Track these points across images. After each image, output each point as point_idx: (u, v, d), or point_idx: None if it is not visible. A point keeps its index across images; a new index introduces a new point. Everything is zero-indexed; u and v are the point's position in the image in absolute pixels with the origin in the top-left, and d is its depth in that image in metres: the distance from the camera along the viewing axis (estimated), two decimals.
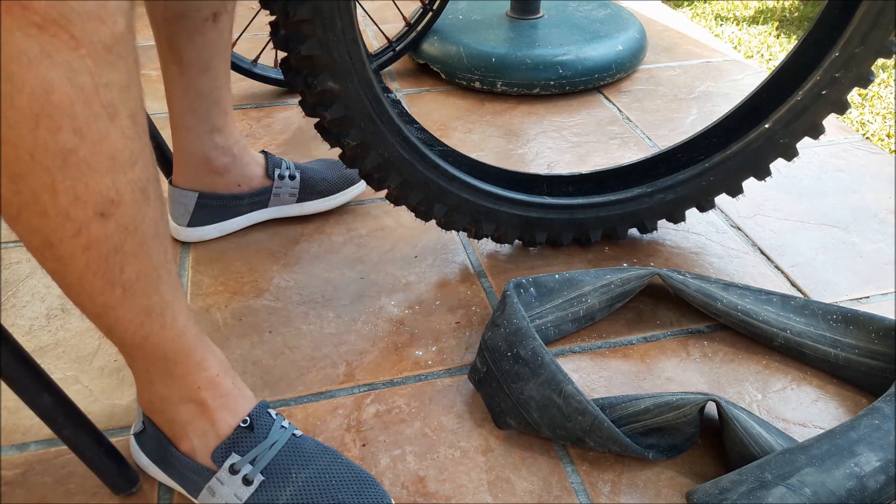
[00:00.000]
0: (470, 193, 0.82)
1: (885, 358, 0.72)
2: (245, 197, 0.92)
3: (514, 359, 0.69)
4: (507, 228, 0.87)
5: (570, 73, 1.28)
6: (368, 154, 0.74)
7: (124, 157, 0.44)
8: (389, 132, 0.74)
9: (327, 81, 0.68)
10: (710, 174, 0.88)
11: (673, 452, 0.66)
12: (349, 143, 0.73)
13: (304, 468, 0.58)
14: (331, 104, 0.70)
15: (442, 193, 0.81)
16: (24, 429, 0.69)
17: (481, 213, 0.84)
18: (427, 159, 0.78)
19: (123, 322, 0.51)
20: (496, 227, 0.86)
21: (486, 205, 0.84)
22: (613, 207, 0.89)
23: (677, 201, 0.90)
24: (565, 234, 0.90)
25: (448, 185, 0.80)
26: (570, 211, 0.88)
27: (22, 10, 0.37)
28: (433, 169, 0.79)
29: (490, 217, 0.85)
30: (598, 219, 0.89)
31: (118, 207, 0.45)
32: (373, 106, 0.71)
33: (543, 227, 0.88)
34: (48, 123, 0.40)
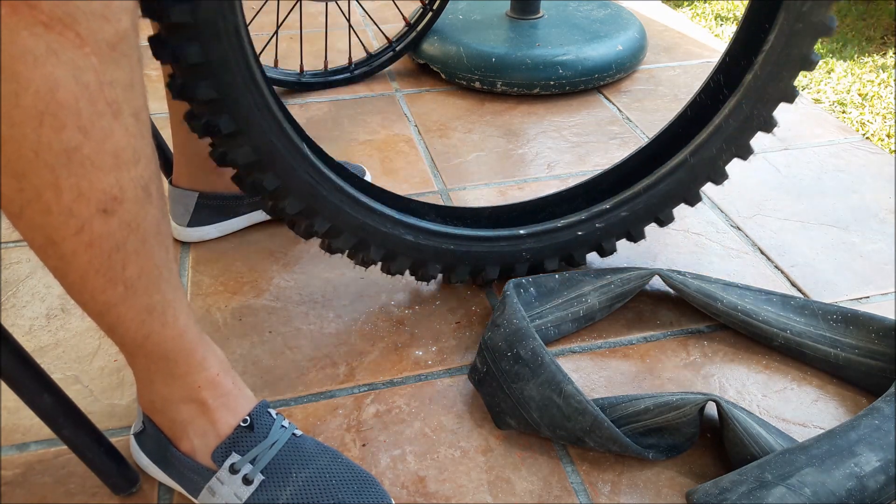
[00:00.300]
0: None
1: (885, 358, 0.72)
2: (245, 197, 0.92)
3: (514, 359, 0.69)
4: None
5: (570, 73, 1.28)
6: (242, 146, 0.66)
7: (128, 154, 0.45)
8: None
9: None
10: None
11: (673, 452, 0.66)
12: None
13: (304, 468, 0.58)
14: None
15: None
16: (24, 429, 0.69)
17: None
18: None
19: (125, 320, 0.51)
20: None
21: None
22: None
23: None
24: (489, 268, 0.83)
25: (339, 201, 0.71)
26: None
27: (28, 9, 0.37)
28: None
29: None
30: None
31: (121, 205, 0.45)
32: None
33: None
34: (53, 121, 0.40)
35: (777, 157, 1.12)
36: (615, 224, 0.84)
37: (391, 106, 1.28)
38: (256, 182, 0.68)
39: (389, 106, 1.28)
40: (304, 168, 0.69)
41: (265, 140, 0.65)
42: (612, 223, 0.84)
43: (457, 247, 0.80)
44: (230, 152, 0.65)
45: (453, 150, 1.14)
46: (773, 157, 1.12)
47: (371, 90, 1.33)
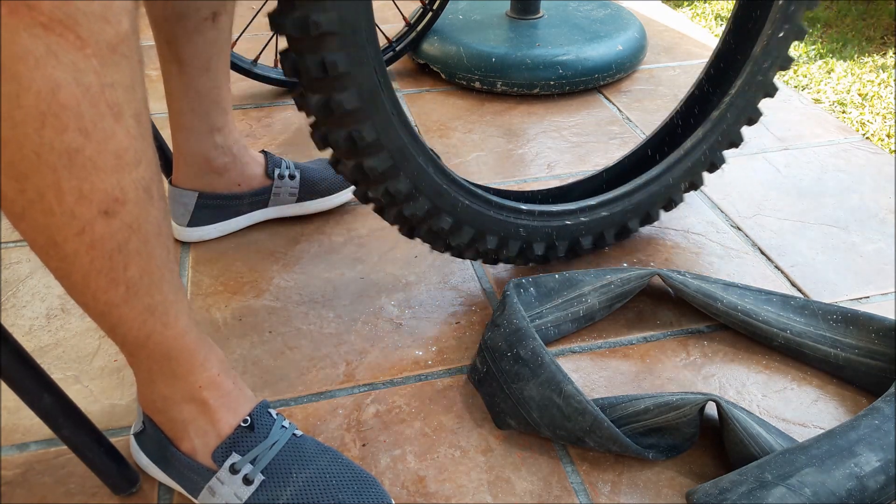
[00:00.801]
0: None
1: (885, 358, 0.72)
2: (245, 197, 0.92)
3: (514, 359, 0.69)
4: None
5: (570, 73, 1.28)
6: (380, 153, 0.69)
7: (129, 156, 0.45)
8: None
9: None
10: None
11: (673, 452, 0.66)
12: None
13: (304, 468, 0.58)
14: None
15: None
16: (24, 429, 0.69)
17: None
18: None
19: (126, 321, 0.51)
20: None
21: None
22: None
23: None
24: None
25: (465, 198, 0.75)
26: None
27: (28, 11, 0.37)
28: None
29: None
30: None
31: (123, 206, 0.45)
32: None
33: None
34: (54, 123, 0.40)
35: (777, 157, 1.12)
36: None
37: None
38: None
39: None
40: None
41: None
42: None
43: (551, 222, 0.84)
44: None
45: (453, 150, 1.14)
46: (773, 157, 1.12)
47: None
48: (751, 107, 0.89)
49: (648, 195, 0.87)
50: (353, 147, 0.65)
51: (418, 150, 0.69)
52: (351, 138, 0.64)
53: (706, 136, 0.88)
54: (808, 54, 1.52)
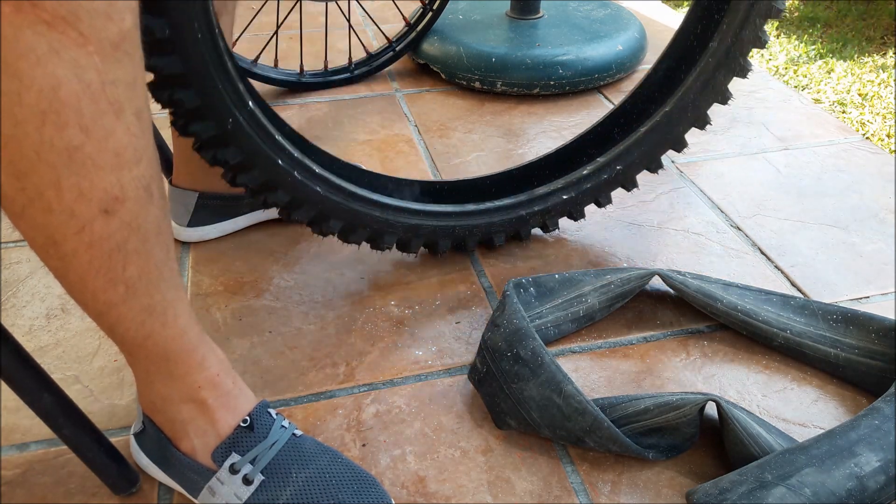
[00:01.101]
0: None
1: (885, 358, 0.72)
2: (245, 197, 0.92)
3: (514, 359, 0.69)
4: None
5: (570, 73, 1.28)
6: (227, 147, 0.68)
7: (129, 154, 0.45)
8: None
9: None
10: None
11: (673, 452, 0.66)
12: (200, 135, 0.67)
13: (304, 468, 0.58)
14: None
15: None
16: (24, 429, 0.69)
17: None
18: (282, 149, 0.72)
19: (125, 320, 0.51)
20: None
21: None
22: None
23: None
24: (442, 242, 0.86)
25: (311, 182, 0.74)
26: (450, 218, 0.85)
27: (31, 8, 0.37)
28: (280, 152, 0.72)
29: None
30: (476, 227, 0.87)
31: (122, 205, 0.45)
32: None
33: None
34: (55, 120, 0.40)
35: (777, 157, 1.12)
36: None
37: (391, 106, 1.28)
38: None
39: (389, 106, 1.28)
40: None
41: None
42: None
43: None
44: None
45: (453, 150, 1.14)
46: (773, 157, 1.12)
47: (371, 90, 1.33)
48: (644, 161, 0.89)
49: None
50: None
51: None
52: None
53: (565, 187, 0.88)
54: (808, 54, 1.52)
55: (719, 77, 0.83)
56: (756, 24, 0.79)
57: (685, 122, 0.86)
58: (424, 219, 0.83)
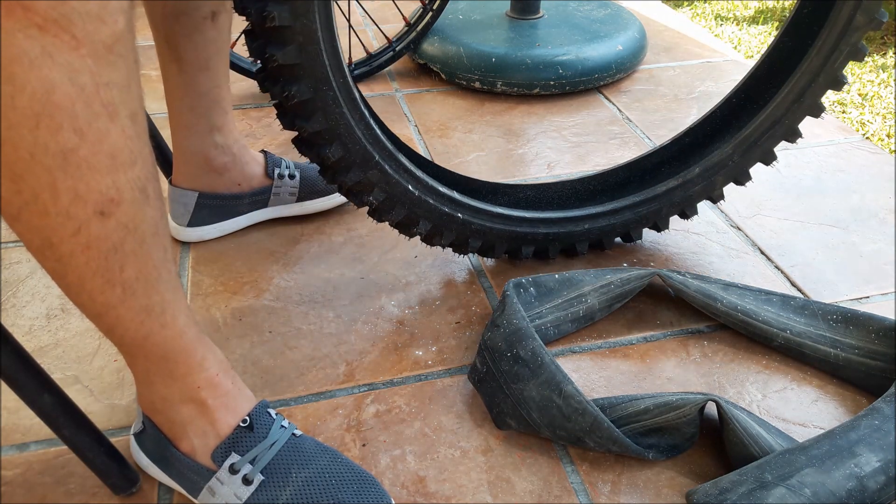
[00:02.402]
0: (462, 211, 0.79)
1: (885, 358, 0.72)
2: (245, 196, 0.92)
3: (514, 359, 0.69)
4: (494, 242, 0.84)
5: (570, 73, 1.28)
6: (350, 170, 0.71)
7: (124, 156, 0.45)
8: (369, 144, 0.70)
9: (305, 91, 0.64)
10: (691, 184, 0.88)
11: (673, 452, 0.66)
12: (329, 157, 0.69)
13: (304, 468, 0.58)
14: (310, 115, 0.66)
15: (427, 210, 0.77)
16: (24, 429, 0.69)
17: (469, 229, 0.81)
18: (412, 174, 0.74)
19: (124, 321, 0.51)
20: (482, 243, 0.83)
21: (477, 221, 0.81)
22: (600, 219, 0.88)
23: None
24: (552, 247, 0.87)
25: (433, 200, 0.76)
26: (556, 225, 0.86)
27: (23, 12, 0.37)
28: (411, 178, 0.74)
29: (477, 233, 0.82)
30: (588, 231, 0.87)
31: (118, 206, 0.45)
32: (351, 115, 0.67)
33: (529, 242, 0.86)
34: (49, 123, 0.40)
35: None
36: None
37: (391, 106, 1.28)
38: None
39: (389, 106, 1.28)
40: None
41: None
42: None
43: None
44: None
45: (453, 150, 1.14)
46: None
47: (371, 90, 1.33)
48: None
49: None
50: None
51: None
52: None
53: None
54: None
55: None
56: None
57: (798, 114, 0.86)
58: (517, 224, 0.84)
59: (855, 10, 0.76)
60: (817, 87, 0.82)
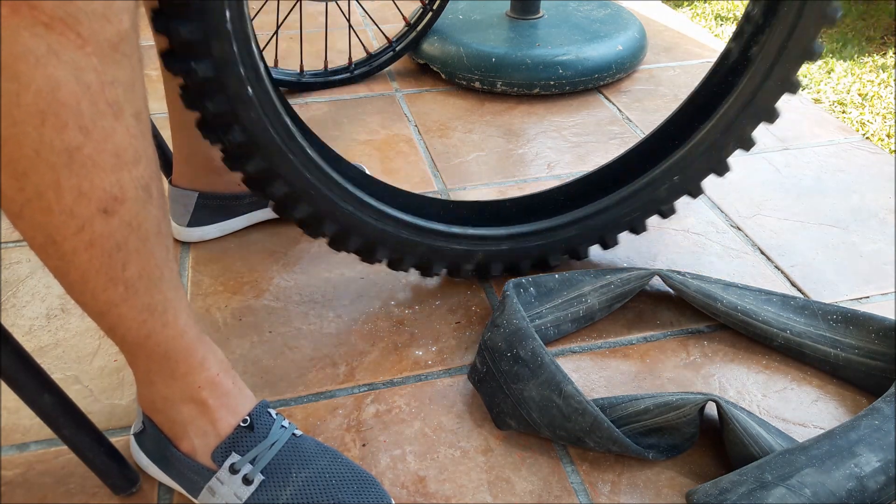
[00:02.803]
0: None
1: (885, 358, 0.72)
2: (245, 196, 0.92)
3: (514, 359, 0.69)
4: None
5: (570, 73, 1.28)
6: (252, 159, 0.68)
7: (129, 154, 0.45)
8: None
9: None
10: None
11: (673, 452, 0.66)
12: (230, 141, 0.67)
13: (304, 468, 0.58)
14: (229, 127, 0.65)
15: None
16: (24, 429, 0.69)
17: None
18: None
19: (125, 320, 0.51)
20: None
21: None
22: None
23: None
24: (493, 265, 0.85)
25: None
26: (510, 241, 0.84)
27: (29, 10, 0.37)
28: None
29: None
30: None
31: (122, 205, 0.45)
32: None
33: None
34: (54, 121, 0.40)
35: (777, 157, 1.12)
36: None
37: (391, 106, 1.28)
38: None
39: (389, 106, 1.28)
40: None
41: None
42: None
43: None
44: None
45: (453, 150, 1.14)
46: (773, 157, 1.12)
47: (371, 90, 1.33)
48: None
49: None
50: None
51: None
52: None
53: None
54: None
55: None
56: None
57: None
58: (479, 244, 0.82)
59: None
60: (788, 60, 0.79)
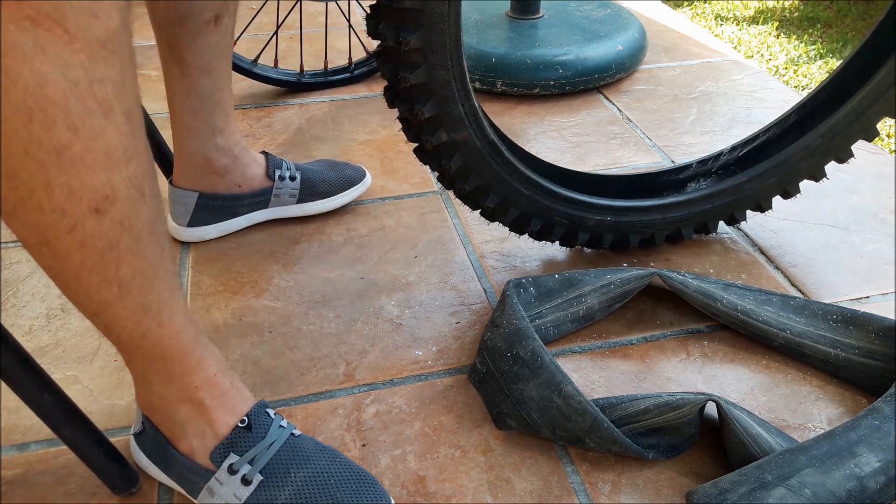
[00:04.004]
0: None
1: (885, 358, 0.72)
2: (245, 197, 0.92)
3: (514, 359, 0.69)
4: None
5: (570, 73, 1.28)
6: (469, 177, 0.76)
7: (119, 153, 0.44)
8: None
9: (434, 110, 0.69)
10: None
11: (673, 452, 0.66)
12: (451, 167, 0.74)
13: (303, 468, 0.58)
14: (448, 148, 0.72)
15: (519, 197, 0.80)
16: (24, 429, 0.69)
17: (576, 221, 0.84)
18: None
19: (120, 320, 0.51)
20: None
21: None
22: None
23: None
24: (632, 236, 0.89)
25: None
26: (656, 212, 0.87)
27: (16, 4, 0.37)
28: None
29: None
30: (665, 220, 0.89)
31: (113, 204, 0.45)
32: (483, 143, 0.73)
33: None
34: (42, 118, 0.40)
35: None
36: None
37: None
38: None
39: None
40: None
41: None
42: None
43: None
44: None
45: None
46: None
47: (371, 90, 1.33)
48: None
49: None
50: None
51: None
52: None
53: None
54: (808, 54, 1.52)
55: None
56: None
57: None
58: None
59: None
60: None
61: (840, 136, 0.86)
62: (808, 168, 0.88)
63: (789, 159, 0.87)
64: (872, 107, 0.84)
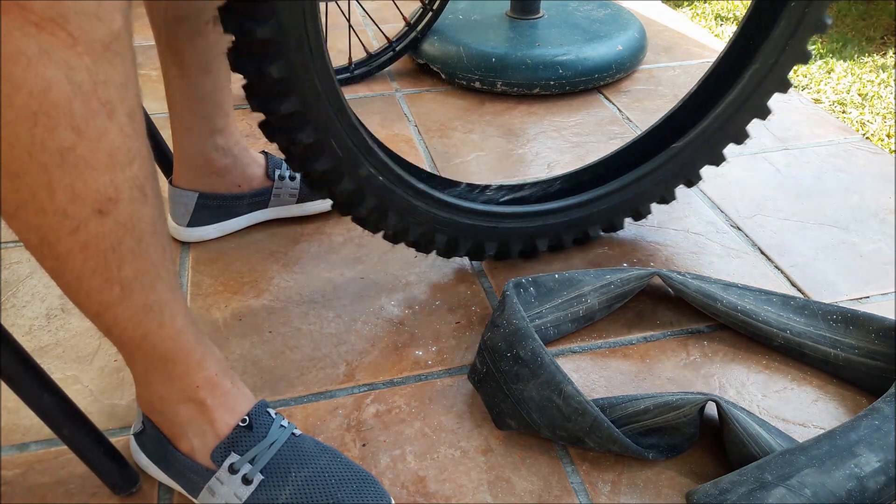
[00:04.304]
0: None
1: (885, 358, 0.72)
2: (245, 197, 0.92)
3: (514, 359, 0.69)
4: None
5: (570, 73, 1.28)
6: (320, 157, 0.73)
7: (122, 154, 0.45)
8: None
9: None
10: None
11: (673, 452, 0.66)
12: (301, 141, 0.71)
13: (303, 467, 0.58)
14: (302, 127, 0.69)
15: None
16: (24, 429, 0.69)
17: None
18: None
19: (122, 320, 0.51)
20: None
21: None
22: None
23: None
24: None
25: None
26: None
27: (20, 10, 0.37)
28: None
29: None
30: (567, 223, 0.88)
31: (116, 205, 0.45)
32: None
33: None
34: (46, 121, 0.40)
35: (777, 157, 1.12)
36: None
37: (391, 106, 1.28)
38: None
39: (389, 106, 1.28)
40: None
41: None
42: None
43: None
44: None
45: (453, 150, 1.14)
46: (773, 157, 1.12)
47: (371, 90, 1.33)
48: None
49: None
50: None
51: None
52: None
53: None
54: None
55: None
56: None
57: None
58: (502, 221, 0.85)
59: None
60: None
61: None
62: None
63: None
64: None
